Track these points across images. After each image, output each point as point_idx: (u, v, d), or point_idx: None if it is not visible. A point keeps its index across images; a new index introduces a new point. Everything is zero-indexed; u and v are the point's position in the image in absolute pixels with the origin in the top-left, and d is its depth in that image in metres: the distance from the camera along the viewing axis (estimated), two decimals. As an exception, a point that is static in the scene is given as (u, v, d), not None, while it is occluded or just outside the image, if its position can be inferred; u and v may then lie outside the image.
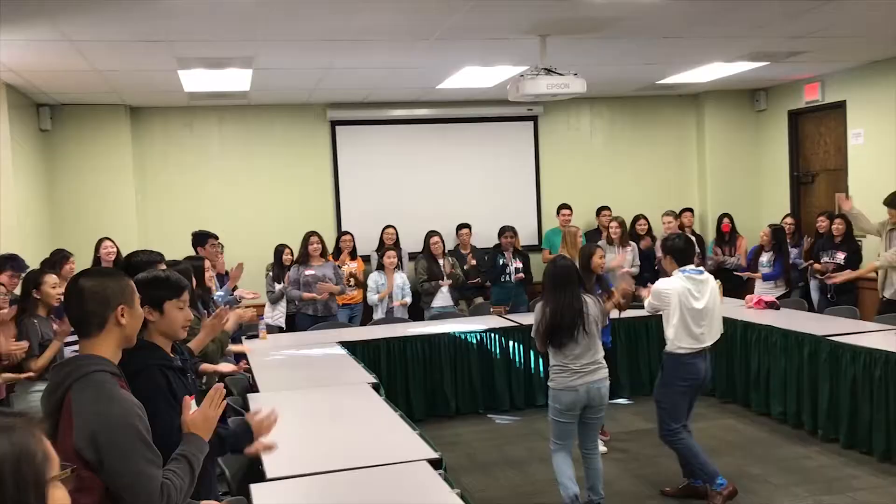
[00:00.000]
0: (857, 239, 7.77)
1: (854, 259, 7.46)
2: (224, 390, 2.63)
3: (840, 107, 8.56)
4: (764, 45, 6.83)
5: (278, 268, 7.86)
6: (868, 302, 7.29)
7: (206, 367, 4.23)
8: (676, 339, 4.70)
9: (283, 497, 3.13)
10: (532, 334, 4.60)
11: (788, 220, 8.49)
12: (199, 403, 3.05)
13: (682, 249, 4.83)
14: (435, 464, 3.38)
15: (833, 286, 7.45)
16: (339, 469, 3.33)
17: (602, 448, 5.06)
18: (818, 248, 7.83)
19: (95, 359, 2.31)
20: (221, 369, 4.43)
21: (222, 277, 6.93)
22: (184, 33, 5.47)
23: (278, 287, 7.75)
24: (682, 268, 4.76)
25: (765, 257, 7.88)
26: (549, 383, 4.53)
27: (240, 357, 5.87)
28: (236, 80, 7.14)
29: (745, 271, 8.16)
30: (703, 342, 4.73)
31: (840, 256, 7.49)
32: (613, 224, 8.28)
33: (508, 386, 7.05)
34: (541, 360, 7.07)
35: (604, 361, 4.51)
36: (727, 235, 8.94)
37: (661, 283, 4.81)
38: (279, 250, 7.92)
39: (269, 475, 3.27)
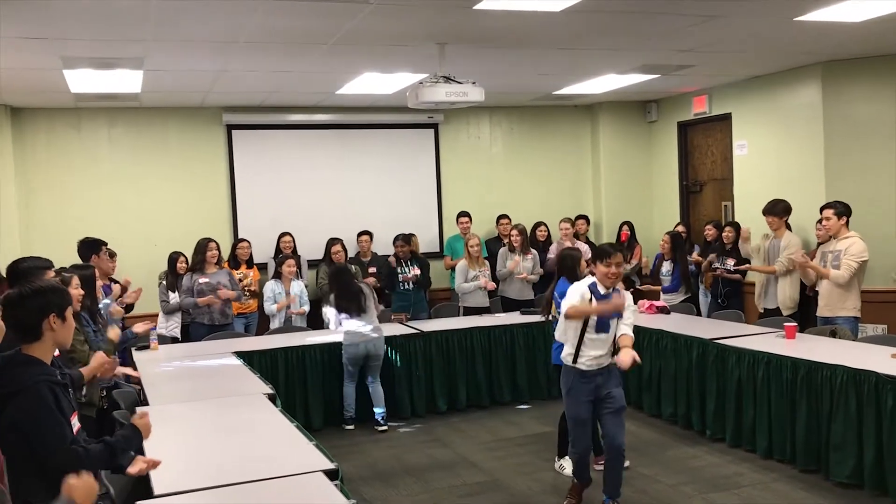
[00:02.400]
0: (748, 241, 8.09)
1: (743, 262, 7.77)
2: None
3: (726, 119, 8.95)
4: (654, 58, 7.07)
5: (172, 276, 7.60)
6: (753, 307, 7.63)
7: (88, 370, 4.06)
8: None
9: (172, 514, 3.01)
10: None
11: (680, 227, 8.80)
12: (78, 418, 2.92)
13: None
14: (331, 475, 3.32)
15: (724, 290, 7.77)
16: (231, 483, 3.23)
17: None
18: (710, 252, 8.11)
19: None
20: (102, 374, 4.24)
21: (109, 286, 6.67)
22: (68, 32, 5.22)
23: (172, 297, 7.49)
24: None
25: (665, 267, 8.12)
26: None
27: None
28: (126, 81, 6.88)
29: (646, 279, 8.38)
30: None
31: (730, 262, 7.81)
32: (514, 232, 8.38)
33: (409, 393, 7.03)
34: (441, 367, 7.10)
35: None
36: (626, 243, 9.19)
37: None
38: (173, 258, 7.66)
39: (156, 492, 3.14)
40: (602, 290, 4.49)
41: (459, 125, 9.81)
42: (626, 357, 4.38)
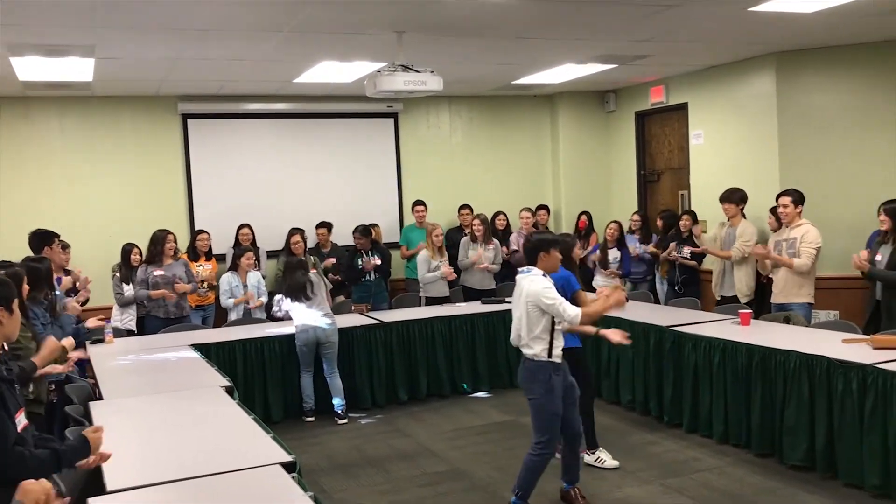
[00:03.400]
0: (704, 233, 8.21)
1: (700, 253, 7.88)
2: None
3: (682, 108, 9.04)
4: (612, 48, 7.11)
5: (126, 268, 7.47)
6: (709, 295, 7.73)
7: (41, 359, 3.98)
8: None
9: (125, 510, 2.96)
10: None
11: (636, 216, 8.89)
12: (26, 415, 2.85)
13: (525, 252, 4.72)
14: (289, 467, 3.29)
15: (681, 278, 7.87)
16: (187, 477, 3.18)
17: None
18: (667, 241, 8.20)
19: None
20: (51, 370, 4.15)
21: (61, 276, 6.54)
22: (14, 17, 5.08)
23: (127, 289, 7.36)
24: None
25: (611, 255, 8.23)
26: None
27: (83, 363, 5.55)
28: (77, 69, 6.72)
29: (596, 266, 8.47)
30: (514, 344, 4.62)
31: (686, 250, 7.90)
32: (476, 221, 8.40)
33: (370, 384, 7.01)
34: (403, 357, 7.09)
35: None
36: (583, 232, 9.25)
37: None
38: (126, 250, 7.52)
39: (109, 487, 3.08)
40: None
41: (419, 115, 9.77)
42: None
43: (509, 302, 5.17)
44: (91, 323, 5.73)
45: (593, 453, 5.31)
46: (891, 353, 4.78)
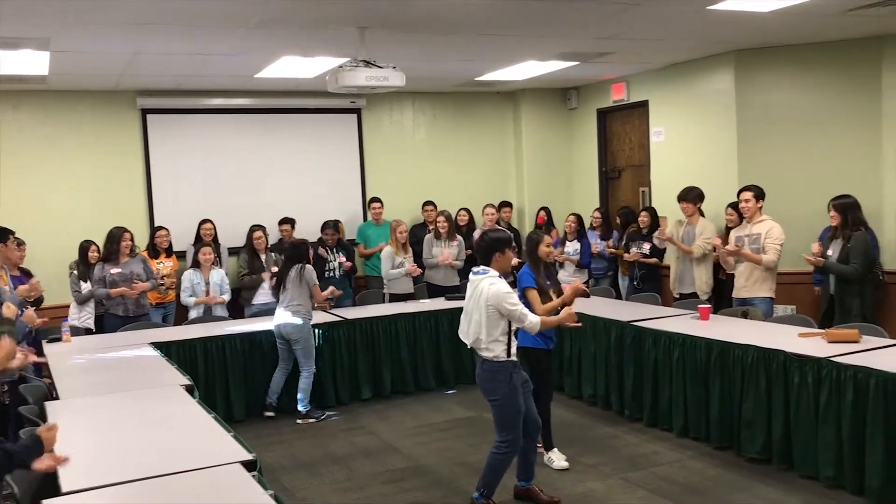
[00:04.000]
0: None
1: (659, 250, 7.97)
2: None
3: (643, 106, 9.13)
4: (574, 45, 7.15)
5: (84, 266, 7.35)
6: (669, 290, 7.82)
7: None
8: None
9: (81, 511, 2.91)
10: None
11: (597, 213, 8.96)
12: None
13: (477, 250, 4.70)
14: (249, 465, 3.26)
15: (640, 274, 7.97)
16: (144, 477, 3.14)
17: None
18: (628, 239, 8.30)
19: None
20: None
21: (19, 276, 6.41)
22: (-35, 9, 4.97)
23: (84, 287, 7.24)
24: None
25: (570, 247, 8.32)
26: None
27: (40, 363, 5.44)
28: (32, 62, 6.58)
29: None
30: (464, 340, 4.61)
31: (646, 247, 7.99)
32: (441, 218, 8.41)
33: (333, 381, 6.98)
34: (366, 354, 7.06)
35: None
36: (542, 227, 9.30)
37: None
38: (84, 247, 7.40)
39: (64, 489, 3.03)
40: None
41: (382, 111, 9.74)
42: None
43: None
44: (28, 317, 5.53)
45: (546, 453, 5.31)
46: (844, 346, 4.89)
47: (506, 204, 9.56)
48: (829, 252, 6.20)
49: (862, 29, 7.06)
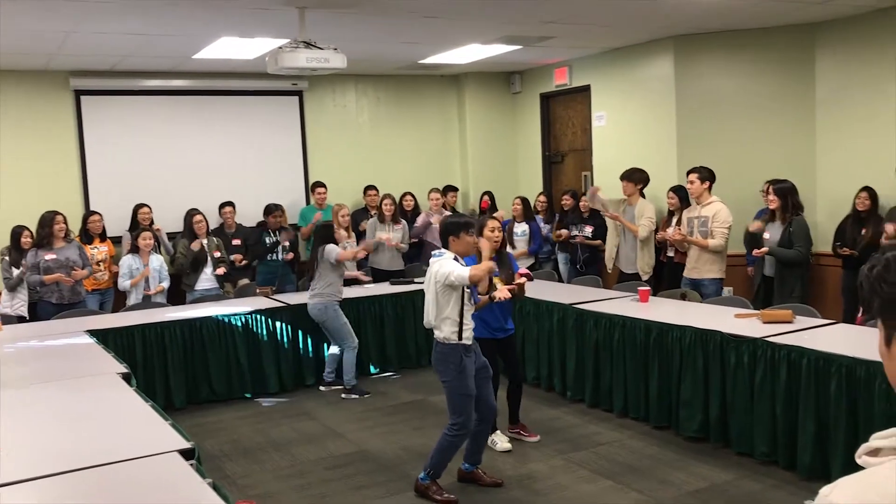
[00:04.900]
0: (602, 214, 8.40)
1: (600, 232, 8.07)
2: None
3: (585, 90, 9.20)
4: (516, 29, 7.16)
5: (16, 252, 7.12)
6: (611, 273, 7.92)
7: None
8: None
9: (10, 505, 2.83)
10: None
11: (542, 198, 9.02)
12: None
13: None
14: (187, 454, 3.21)
15: (583, 257, 8.06)
16: (78, 468, 3.06)
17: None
18: (568, 222, 8.39)
19: None
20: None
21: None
22: None
23: (17, 273, 7.02)
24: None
25: (519, 228, 8.39)
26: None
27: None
28: (-44, 41, 6.34)
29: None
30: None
31: (588, 230, 8.08)
32: (386, 202, 8.37)
33: (277, 367, 6.91)
34: (309, 340, 7.01)
35: None
36: (486, 212, 9.33)
37: None
38: (16, 233, 7.16)
39: (-6, 482, 2.94)
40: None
41: (325, 93, 9.63)
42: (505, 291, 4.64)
43: (418, 283, 5.16)
44: None
45: (490, 435, 5.26)
46: (779, 326, 5.02)
47: (451, 188, 9.55)
48: (767, 235, 6.34)
49: (797, 16, 7.22)
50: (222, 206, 8.48)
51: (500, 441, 5.30)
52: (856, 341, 4.60)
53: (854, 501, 1.01)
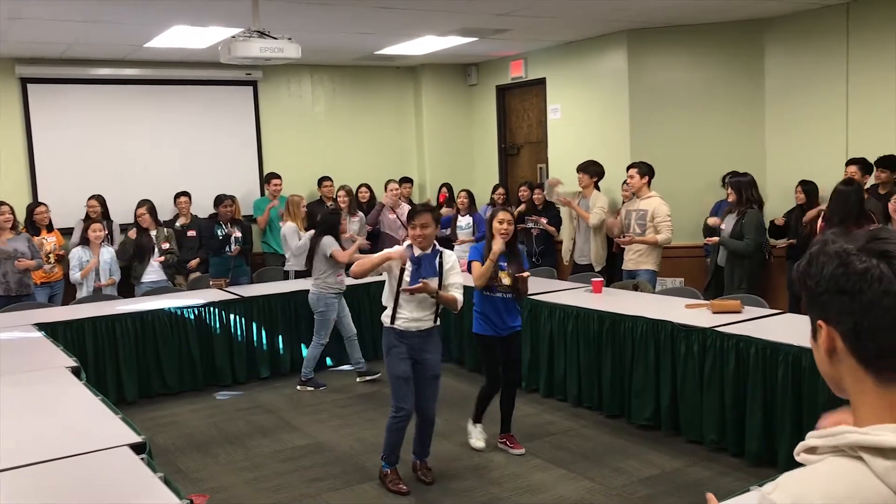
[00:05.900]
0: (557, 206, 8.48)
1: (555, 222, 8.14)
2: None
3: (541, 83, 9.25)
4: (472, 21, 7.17)
5: (-40, 244, 6.94)
6: (565, 264, 8.00)
7: None
8: None
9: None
10: None
11: (501, 190, 9.04)
12: None
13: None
14: (138, 448, 3.17)
15: (539, 249, 8.12)
16: (26, 464, 3.01)
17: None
18: (523, 214, 8.43)
19: None
20: None
21: None
22: None
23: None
24: None
25: (463, 221, 8.44)
26: None
27: None
28: None
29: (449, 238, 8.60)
30: None
31: (543, 221, 8.14)
32: (342, 193, 8.34)
33: (230, 360, 6.84)
34: (264, 332, 6.96)
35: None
36: (443, 204, 9.34)
37: None
38: (-40, 224, 6.99)
39: (-64, 479, 2.87)
40: (416, 252, 4.53)
41: (280, 83, 9.54)
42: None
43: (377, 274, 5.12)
44: None
45: (472, 424, 5.27)
46: (728, 316, 5.12)
47: (406, 180, 9.54)
48: (723, 226, 6.48)
49: (746, 11, 7.35)
50: (178, 195, 8.35)
51: (475, 438, 5.23)
52: (802, 331, 4.68)
53: (795, 502, 1.03)
